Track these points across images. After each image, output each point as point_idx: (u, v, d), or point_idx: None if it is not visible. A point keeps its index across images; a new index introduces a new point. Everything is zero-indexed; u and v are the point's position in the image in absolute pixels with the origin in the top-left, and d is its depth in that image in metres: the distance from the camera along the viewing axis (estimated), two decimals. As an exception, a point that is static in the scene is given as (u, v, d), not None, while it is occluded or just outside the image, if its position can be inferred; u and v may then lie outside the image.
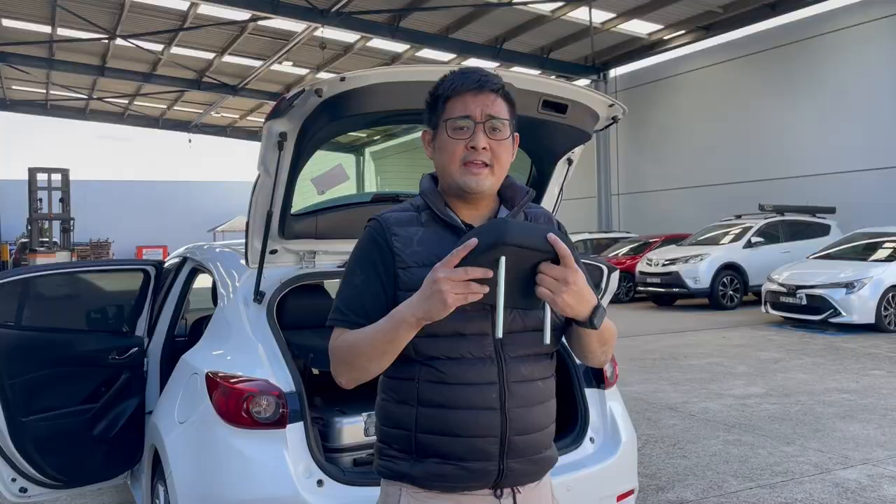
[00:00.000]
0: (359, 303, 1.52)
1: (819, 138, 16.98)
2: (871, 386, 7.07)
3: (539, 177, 3.16)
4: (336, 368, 1.50)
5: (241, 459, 2.41)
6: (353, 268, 1.57)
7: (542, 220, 1.64)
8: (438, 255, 1.47)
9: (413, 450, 1.51)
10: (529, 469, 1.53)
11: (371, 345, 1.44)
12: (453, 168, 1.53)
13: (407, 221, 1.57)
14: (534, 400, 1.53)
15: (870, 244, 11.61)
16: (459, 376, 1.48)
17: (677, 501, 4.23)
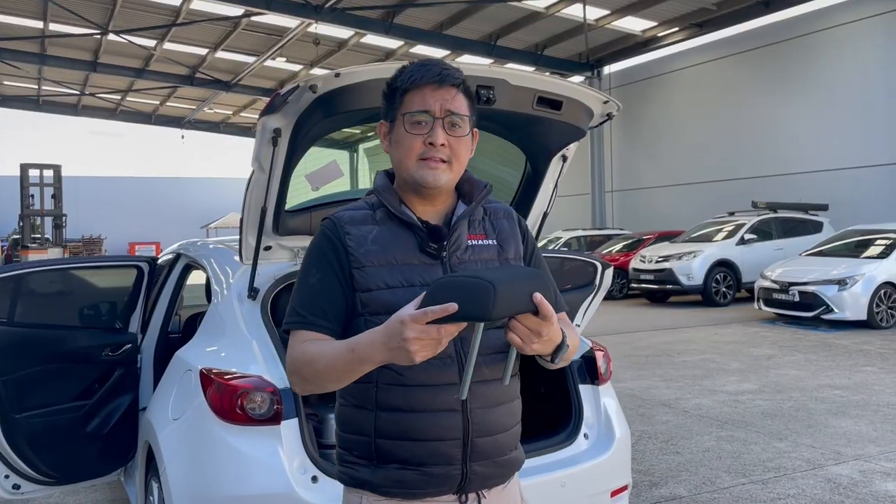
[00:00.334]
0: (316, 304, 1.46)
1: (812, 136, 17.04)
2: (862, 382, 7.10)
3: (534, 173, 3.16)
4: (291, 377, 1.45)
5: (235, 456, 2.40)
6: (307, 268, 1.51)
7: (502, 215, 1.61)
8: (394, 254, 1.47)
9: (373, 456, 1.47)
10: (494, 472, 1.50)
11: (329, 370, 1.38)
12: (409, 163, 1.48)
13: (361, 220, 1.52)
14: (497, 400, 1.49)
15: (862, 241, 11.66)
16: (419, 378, 1.43)
17: (670, 497, 4.25)
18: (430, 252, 1.48)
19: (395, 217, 1.50)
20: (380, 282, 1.45)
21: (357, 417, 1.48)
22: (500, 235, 1.59)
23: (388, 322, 1.28)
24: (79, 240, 29.38)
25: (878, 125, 15.65)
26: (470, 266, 1.51)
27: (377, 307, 1.44)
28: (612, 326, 11.52)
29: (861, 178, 15.94)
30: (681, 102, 20.79)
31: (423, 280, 1.45)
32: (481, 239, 1.56)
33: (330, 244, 1.49)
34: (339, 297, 1.46)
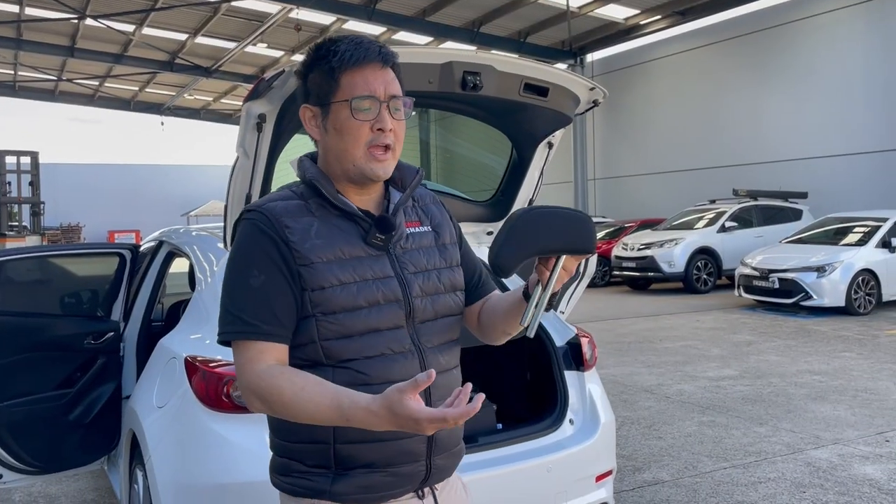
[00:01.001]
0: (266, 309, 1.32)
1: (792, 124, 17.18)
2: (841, 368, 7.21)
3: (519, 160, 3.16)
4: (249, 398, 1.31)
5: (221, 444, 2.39)
6: (245, 269, 1.34)
7: (429, 201, 1.58)
8: (341, 247, 1.38)
9: (332, 463, 1.38)
10: (450, 463, 1.49)
11: (307, 418, 1.27)
12: (356, 153, 1.38)
13: (296, 211, 1.39)
14: (452, 389, 1.42)
15: (841, 229, 11.81)
16: (383, 375, 1.36)
17: (653, 482, 4.30)
18: (375, 243, 1.41)
19: (333, 208, 1.41)
20: (332, 278, 1.35)
21: (311, 425, 1.33)
22: (434, 221, 1.56)
23: (394, 414, 1.18)
24: (57, 228, 29.02)
25: (857, 114, 15.81)
26: (413, 255, 1.47)
27: (331, 306, 1.35)
28: (594, 313, 11.59)
29: (840, 167, 16.11)
30: (663, 91, 20.86)
31: (375, 274, 1.39)
32: (417, 226, 1.52)
33: (269, 240, 1.34)
34: (290, 300, 1.34)
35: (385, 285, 1.39)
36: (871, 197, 15.28)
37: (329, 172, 1.43)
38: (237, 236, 1.39)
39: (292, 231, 1.36)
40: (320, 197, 1.41)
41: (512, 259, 1.21)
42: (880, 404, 5.83)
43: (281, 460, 1.45)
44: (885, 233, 10.99)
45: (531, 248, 1.22)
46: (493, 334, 1.55)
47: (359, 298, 1.36)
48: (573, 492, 2.77)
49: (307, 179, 1.42)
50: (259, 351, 1.31)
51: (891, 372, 6.94)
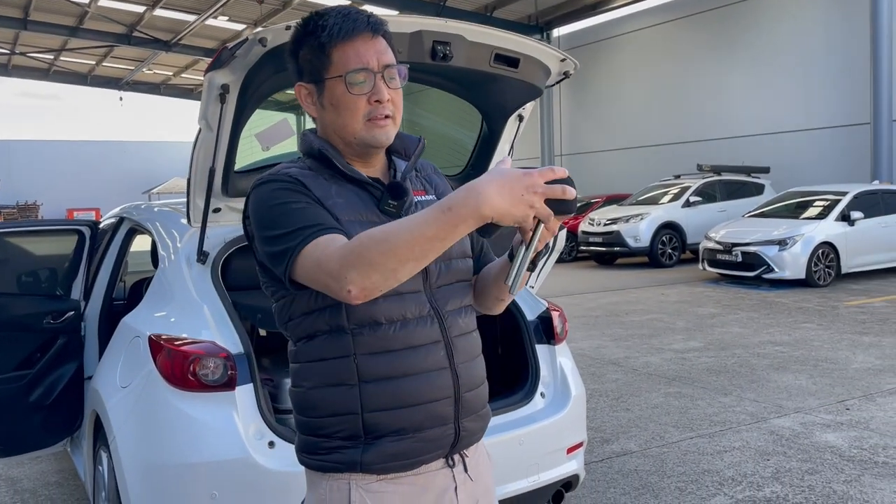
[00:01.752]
0: (320, 216, 1.30)
1: (755, 99, 17.38)
2: (802, 338, 7.37)
3: (490, 134, 3.12)
4: (346, 273, 1.18)
5: (188, 423, 2.34)
6: (280, 207, 1.31)
7: (431, 171, 1.58)
8: (363, 213, 1.38)
9: (362, 433, 1.37)
10: (478, 426, 1.49)
11: (413, 240, 1.15)
12: (356, 125, 1.37)
13: (312, 177, 1.39)
14: (474, 352, 1.49)
15: (802, 202, 12.02)
16: (406, 340, 1.36)
17: (622, 452, 4.35)
18: (388, 210, 1.40)
19: (345, 177, 1.40)
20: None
21: (335, 397, 1.36)
22: (438, 190, 1.56)
23: (496, 171, 1.13)
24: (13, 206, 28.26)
25: (818, 89, 16.05)
26: None
27: None
28: (562, 288, 11.67)
29: (801, 142, 16.37)
30: (628, 66, 20.92)
31: None
32: (423, 195, 1.52)
33: (294, 185, 1.33)
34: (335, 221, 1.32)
35: None
36: (831, 171, 15.59)
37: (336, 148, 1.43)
38: (253, 200, 1.35)
39: (314, 188, 1.35)
40: (330, 168, 1.40)
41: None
42: (840, 373, 5.97)
43: (307, 438, 1.42)
44: (845, 206, 11.21)
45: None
46: (487, 301, 1.55)
47: None
48: (545, 464, 2.78)
49: (315, 150, 1.41)
50: (332, 238, 1.26)
51: (850, 342, 7.12)
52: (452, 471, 1.45)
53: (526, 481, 2.71)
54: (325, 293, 1.28)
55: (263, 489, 2.29)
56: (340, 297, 1.24)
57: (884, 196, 11.68)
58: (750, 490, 3.74)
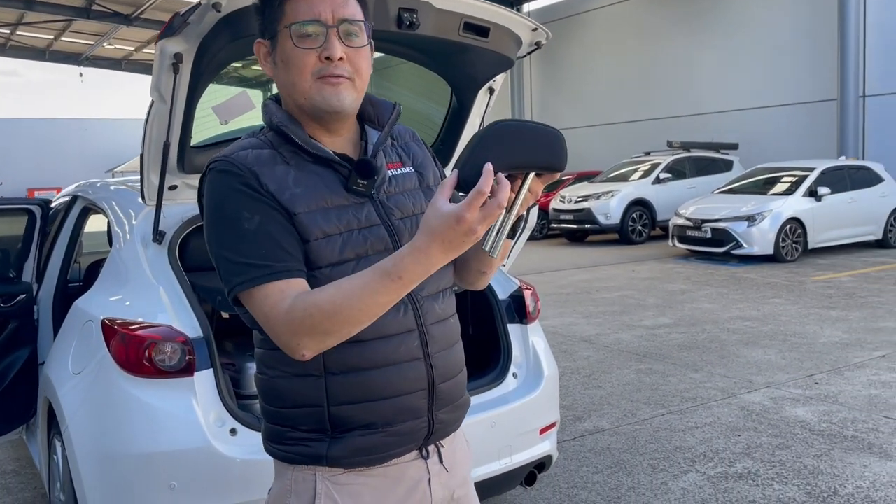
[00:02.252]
0: (272, 245, 1.20)
1: (724, 76, 17.44)
2: (770, 314, 7.43)
3: (459, 107, 3.02)
4: (292, 344, 1.16)
5: (145, 411, 2.23)
6: (231, 216, 1.21)
7: (409, 138, 1.45)
8: (325, 197, 1.26)
9: (328, 427, 1.28)
10: (454, 417, 1.40)
11: (367, 308, 1.13)
12: (304, 85, 1.25)
13: (269, 160, 1.26)
14: (451, 339, 1.39)
15: (770, 178, 12.10)
16: (376, 330, 1.25)
17: (594, 430, 4.33)
18: (357, 190, 1.29)
19: (307, 154, 1.28)
20: (317, 231, 1.23)
21: (300, 388, 1.27)
22: (417, 161, 1.43)
23: (432, 229, 1.07)
24: (-29, 186, 27.44)
25: (786, 66, 16.14)
26: (398, 199, 1.35)
27: (317, 260, 1.23)
28: (533, 266, 11.65)
29: (769, 117, 16.49)
30: (599, 42, 20.85)
31: (360, 223, 1.28)
32: (399, 167, 1.40)
33: (248, 181, 1.22)
34: (293, 233, 1.22)
35: (372, 234, 1.28)
36: (799, 147, 15.73)
37: (293, 115, 1.31)
38: (207, 189, 1.25)
39: (268, 180, 1.23)
40: (291, 144, 1.29)
41: (478, 174, 1.10)
42: (808, 348, 6.02)
43: (273, 427, 1.34)
44: (812, 182, 11.31)
45: (499, 163, 1.11)
46: (468, 276, 1.44)
47: (345, 250, 1.25)
48: (517, 446, 2.72)
49: (274, 125, 1.29)
50: (280, 290, 1.18)
51: (817, 317, 7.19)
52: (426, 462, 1.37)
53: (498, 464, 2.65)
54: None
55: (225, 479, 2.20)
56: (294, 357, 1.20)
57: (850, 171, 11.81)
58: (721, 466, 3.74)
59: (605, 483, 3.59)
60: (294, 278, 1.20)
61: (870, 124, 14.51)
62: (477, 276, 1.43)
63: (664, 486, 3.53)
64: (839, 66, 14.46)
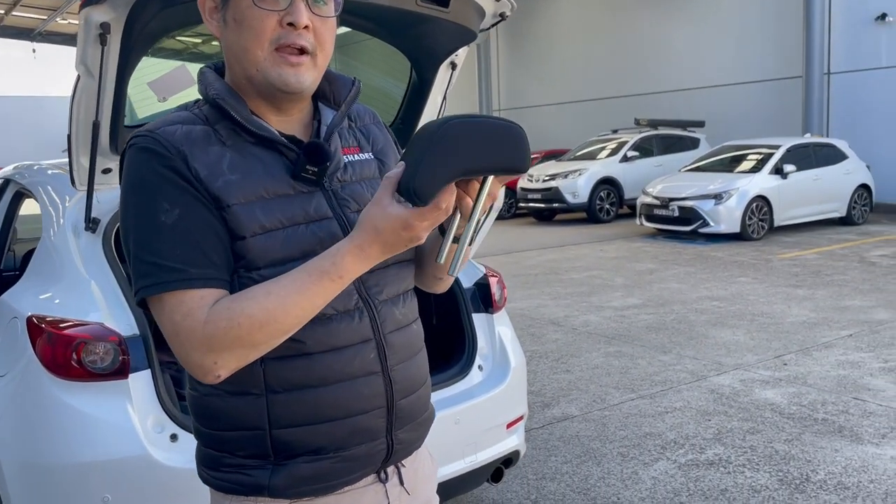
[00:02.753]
0: (190, 247, 1.02)
1: (690, 53, 17.40)
2: (738, 293, 7.40)
3: (420, 83, 2.83)
4: (205, 362, 1.00)
5: (75, 418, 2.04)
6: (148, 206, 1.03)
7: (369, 120, 1.29)
8: (266, 185, 1.08)
9: (270, 452, 1.12)
10: (416, 435, 1.24)
11: (303, 313, 1.01)
12: (259, 54, 1.07)
13: (202, 139, 1.08)
14: (413, 348, 1.22)
15: (736, 156, 12.10)
16: (325, 341, 1.10)
17: (563, 417, 4.22)
18: (306, 177, 1.11)
19: (248, 133, 1.11)
20: (254, 225, 1.06)
21: (237, 408, 1.11)
22: (377, 147, 1.26)
23: (377, 229, 0.98)
24: (-81, 167, 26.48)
25: (752, 43, 16.14)
26: (354, 189, 1.17)
27: (255, 260, 1.06)
28: (500, 246, 11.53)
29: (735, 95, 16.51)
30: (567, 19, 20.66)
31: (308, 216, 1.11)
32: (356, 153, 1.22)
33: (172, 164, 1.04)
34: (219, 232, 1.05)
35: (322, 229, 1.11)
36: (764, 124, 15.79)
37: (237, 86, 1.13)
38: (126, 169, 1.07)
39: (199, 162, 1.06)
40: (229, 120, 1.11)
41: (432, 182, 0.94)
42: (776, 328, 5.99)
43: (207, 451, 1.17)
44: (778, 160, 11.33)
45: (455, 168, 0.95)
46: (424, 279, 1.28)
47: (290, 248, 1.08)
48: (483, 443, 2.58)
49: (210, 97, 1.11)
50: (198, 298, 1.02)
51: (784, 296, 7.18)
52: (385, 486, 1.21)
53: (462, 462, 2.51)
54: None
55: (165, 490, 2.02)
56: (204, 380, 1.03)
57: (815, 149, 11.85)
58: (693, 453, 3.65)
59: (574, 473, 3.48)
60: (211, 289, 1.03)
61: (834, 101, 14.60)
62: (432, 280, 1.27)
63: (634, 475, 3.44)
64: (804, 43, 14.48)
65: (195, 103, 1.16)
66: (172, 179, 1.04)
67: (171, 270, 1.01)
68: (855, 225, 12.06)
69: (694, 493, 3.23)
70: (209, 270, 1.03)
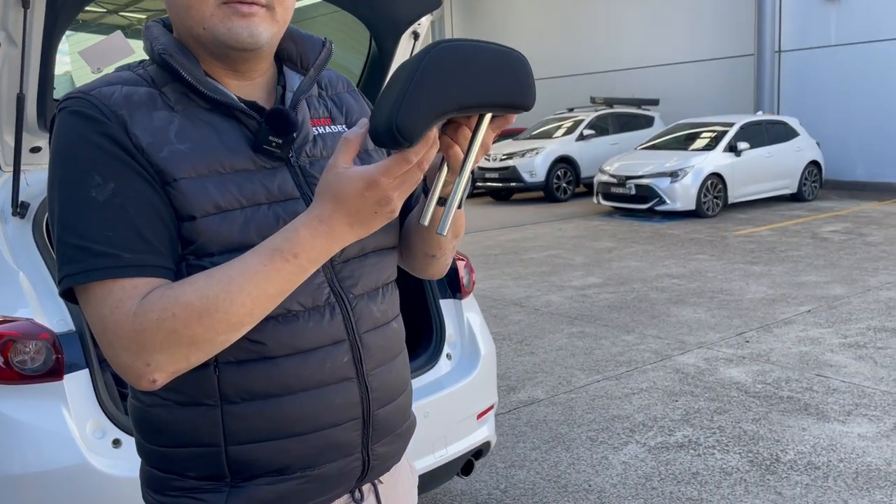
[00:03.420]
0: (124, 227, 0.86)
1: (645, 31, 17.43)
2: (696, 270, 7.42)
3: (380, 54, 2.65)
4: (152, 355, 0.83)
5: (5, 425, 1.84)
6: (77, 179, 0.87)
7: (342, 88, 1.13)
8: (221, 158, 0.92)
9: (226, 472, 0.96)
10: (395, 448, 1.09)
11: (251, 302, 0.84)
12: (204, 9, 0.91)
13: (145, 102, 0.92)
14: (394, 350, 1.07)
15: (691, 134, 12.16)
16: (290, 342, 0.95)
17: (529, 401, 4.13)
18: (269, 150, 0.96)
19: (201, 98, 0.95)
20: (207, 203, 0.90)
21: (187, 421, 0.95)
22: (351, 117, 1.09)
23: (334, 194, 0.83)
24: None
25: (704, 21, 16.22)
26: (324, 165, 1.01)
27: (208, 245, 0.90)
28: (458, 226, 11.39)
29: (688, 73, 16.61)
30: (521, -4, 20.50)
31: (271, 195, 0.95)
32: (327, 124, 1.06)
33: (107, 131, 0.87)
34: (160, 211, 0.88)
35: (286, 210, 0.95)
36: (717, 102, 15.93)
37: (187, 45, 0.97)
38: (54, 137, 0.90)
39: (141, 127, 0.90)
40: (180, 82, 0.94)
41: (421, 118, 0.77)
42: (736, 305, 6.00)
43: (153, 471, 1.01)
44: (732, 137, 11.41)
45: (448, 102, 0.77)
46: (415, 261, 1.12)
47: (249, 232, 0.92)
48: (453, 435, 2.45)
49: (156, 55, 0.94)
50: (131, 287, 0.85)
51: (741, 272, 7.21)
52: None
53: (433, 457, 2.38)
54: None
55: (108, 501, 1.84)
56: (138, 386, 0.86)
57: (767, 126, 11.98)
58: (662, 436, 3.59)
59: (543, 460, 3.39)
60: (148, 277, 0.86)
61: (785, 79, 14.79)
62: (425, 261, 1.11)
63: (605, 460, 3.36)
64: (756, 21, 14.60)
65: (140, 63, 0.99)
66: (107, 148, 0.87)
67: (100, 255, 0.85)
68: (805, 201, 12.27)
69: (665, 478, 3.17)
70: (146, 256, 0.87)
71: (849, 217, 10.46)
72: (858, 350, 4.72)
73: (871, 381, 4.18)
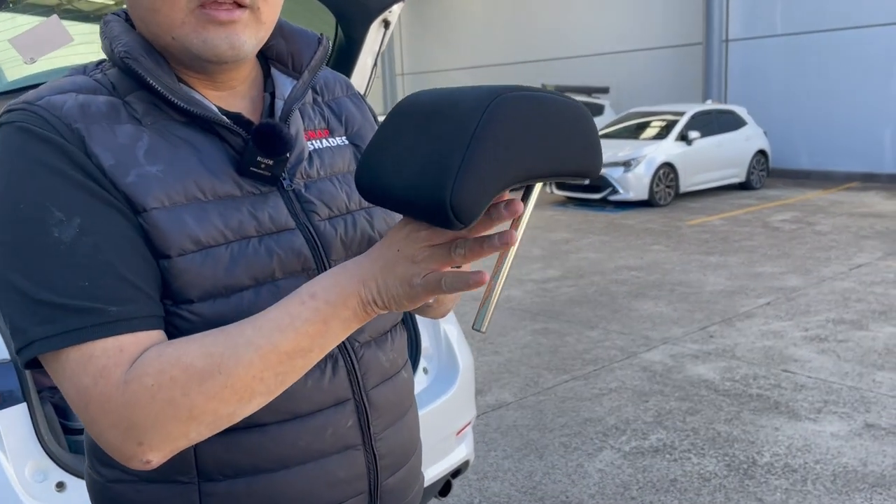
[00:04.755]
0: (109, 273, 0.68)
1: (595, 18, 17.44)
2: (654, 261, 7.40)
3: (347, 44, 2.44)
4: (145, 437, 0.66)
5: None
6: (33, 215, 0.67)
7: (340, 91, 0.95)
8: (201, 182, 0.74)
9: None
10: (407, 483, 0.93)
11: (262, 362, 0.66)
12: (174, 15, 0.73)
13: (105, 113, 0.73)
14: (403, 406, 0.91)
15: (642, 123, 12.20)
16: (285, 406, 0.78)
17: (497, 405, 3.99)
18: (258, 172, 0.78)
19: (174, 109, 0.77)
20: (184, 239, 0.73)
21: (157, 501, 0.78)
22: (352, 128, 0.92)
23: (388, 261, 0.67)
24: None
25: (653, 9, 16.31)
26: (323, 188, 0.84)
27: (188, 288, 0.73)
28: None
29: (637, 61, 16.70)
30: (470, -19, 20.29)
31: (262, 226, 0.78)
32: (325, 136, 0.88)
33: (64, 156, 0.69)
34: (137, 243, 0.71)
35: (282, 244, 0.79)
36: (666, 91, 16.07)
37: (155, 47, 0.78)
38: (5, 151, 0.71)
39: (102, 147, 0.71)
40: (147, 89, 0.76)
41: (484, 194, 0.60)
42: (696, 297, 5.99)
43: None
44: (683, 126, 11.49)
45: (517, 171, 0.61)
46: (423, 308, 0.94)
47: (237, 272, 0.75)
48: (433, 456, 2.28)
49: (118, 57, 0.75)
50: (117, 351, 0.67)
51: (698, 263, 7.23)
52: None
53: (411, 482, 2.21)
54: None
55: (51, 555, 1.62)
56: (128, 465, 0.67)
57: (717, 115, 12.10)
58: (636, 440, 3.50)
59: (517, 470, 3.26)
60: (140, 331, 0.68)
61: (732, 68, 14.98)
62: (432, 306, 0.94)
63: (580, 468, 3.25)
64: (704, 10, 14.74)
65: (98, 66, 0.79)
66: (66, 173, 0.69)
67: (79, 312, 0.66)
68: (753, 189, 12.46)
69: (644, 486, 3.07)
70: (134, 306, 0.68)
71: (797, 206, 10.65)
72: (820, 344, 4.73)
73: (837, 376, 4.18)
